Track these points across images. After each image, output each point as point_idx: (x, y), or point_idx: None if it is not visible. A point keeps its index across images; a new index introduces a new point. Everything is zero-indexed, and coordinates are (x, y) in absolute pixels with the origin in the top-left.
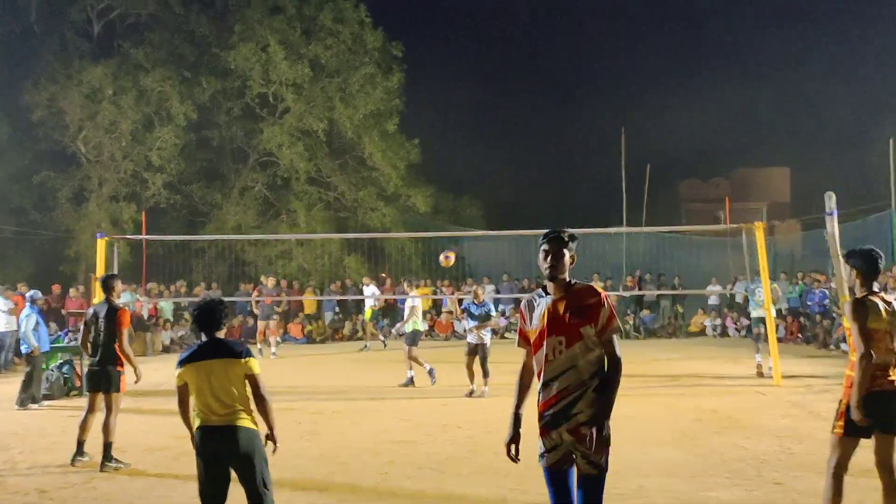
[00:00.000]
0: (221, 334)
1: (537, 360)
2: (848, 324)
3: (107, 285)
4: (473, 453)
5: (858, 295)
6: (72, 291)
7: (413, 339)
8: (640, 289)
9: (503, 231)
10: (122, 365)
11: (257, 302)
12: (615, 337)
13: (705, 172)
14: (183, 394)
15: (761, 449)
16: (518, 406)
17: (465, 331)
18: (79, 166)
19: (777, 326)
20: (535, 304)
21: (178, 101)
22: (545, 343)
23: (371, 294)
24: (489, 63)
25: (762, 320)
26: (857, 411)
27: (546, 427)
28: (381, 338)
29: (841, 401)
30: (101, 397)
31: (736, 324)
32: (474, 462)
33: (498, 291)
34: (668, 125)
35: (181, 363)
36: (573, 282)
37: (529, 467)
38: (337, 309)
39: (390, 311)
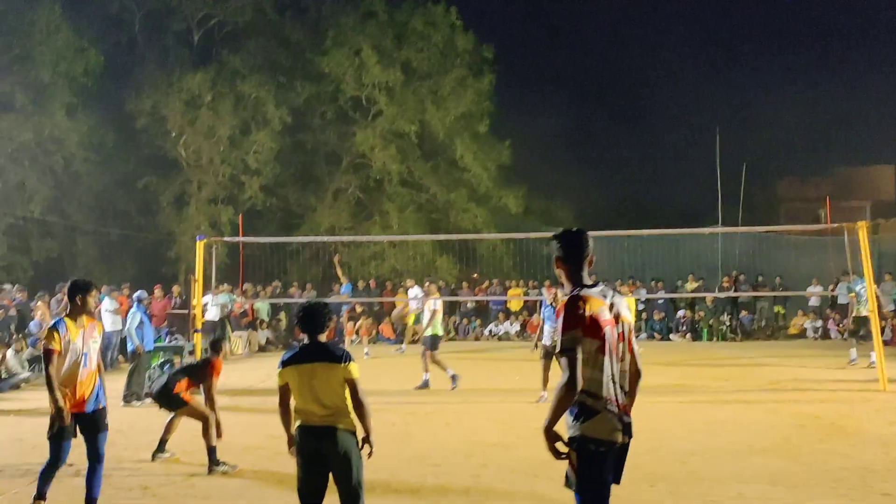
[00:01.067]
0: (324, 337)
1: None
2: None
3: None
4: None
5: None
6: (156, 291)
7: (433, 343)
8: (736, 290)
9: (596, 231)
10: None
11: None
12: (561, 358)
13: (805, 171)
14: (284, 394)
15: (867, 458)
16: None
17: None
18: (179, 171)
19: (882, 329)
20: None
21: (273, 106)
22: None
23: (415, 296)
24: (581, 64)
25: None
26: None
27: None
28: (403, 346)
29: None
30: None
31: (838, 326)
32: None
33: None
34: (765, 123)
35: (283, 364)
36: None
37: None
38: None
39: (483, 312)
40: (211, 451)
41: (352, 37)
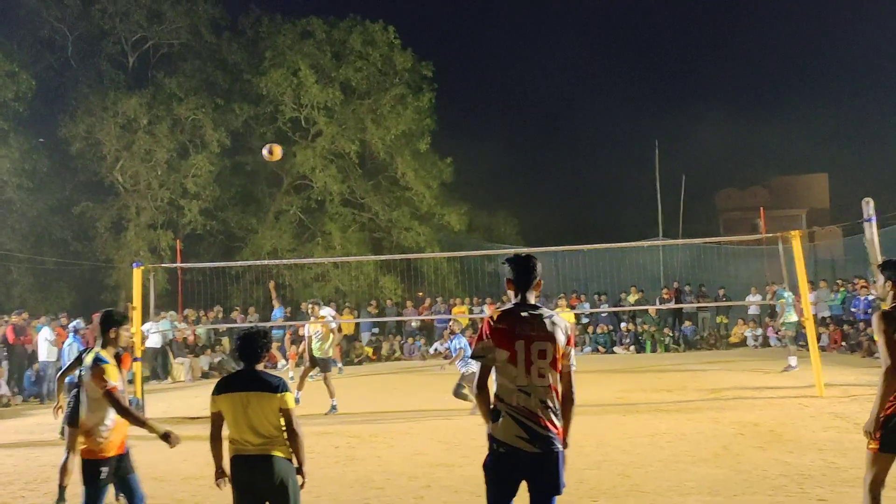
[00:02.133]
0: (260, 365)
1: None
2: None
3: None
4: None
5: (888, 306)
6: (95, 319)
7: (325, 365)
8: (678, 301)
9: (539, 248)
10: None
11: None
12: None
13: (742, 181)
14: (216, 421)
15: (804, 463)
16: None
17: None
18: (117, 196)
19: (819, 335)
20: None
21: (211, 129)
22: None
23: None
24: (521, 82)
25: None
26: (874, 426)
27: None
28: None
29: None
30: None
31: (777, 333)
32: None
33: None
34: (703, 136)
35: (218, 391)
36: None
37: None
38: (375, 329)
39: (428, 331)
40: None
41: (289, 57)
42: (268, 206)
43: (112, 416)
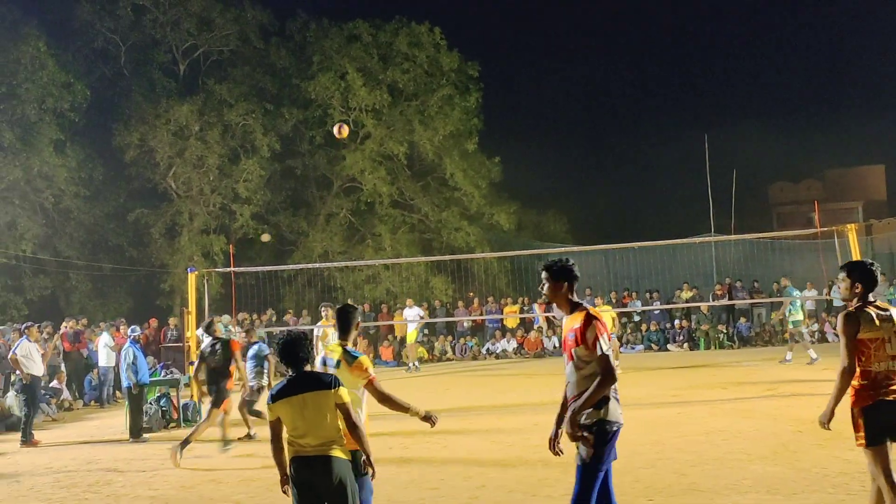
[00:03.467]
0: (308, 366)
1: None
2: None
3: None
4: (565, 474)
5: (852, 307)
6: (152, 324)
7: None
8: (730, 297)
9: (588, 246)
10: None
11: None
12: (603, 355)
13: (796, 174)
14: (276, 429)
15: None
16: (561, 408)
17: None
18: (170, 202)
19: None
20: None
21: (261, 133)
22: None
23: (414, 316)
24: (569, 77)
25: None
26: (828, 420)
27: None
28: (416, 363)
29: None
30: None
31: (834, 329)
32: (566, 484)
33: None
34: (755, 128)
35: (273, 398)
36: (580, 304)
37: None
38: (426, 331)
39: (478, 331)
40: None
41: (337, 60)
42: (318, 209)
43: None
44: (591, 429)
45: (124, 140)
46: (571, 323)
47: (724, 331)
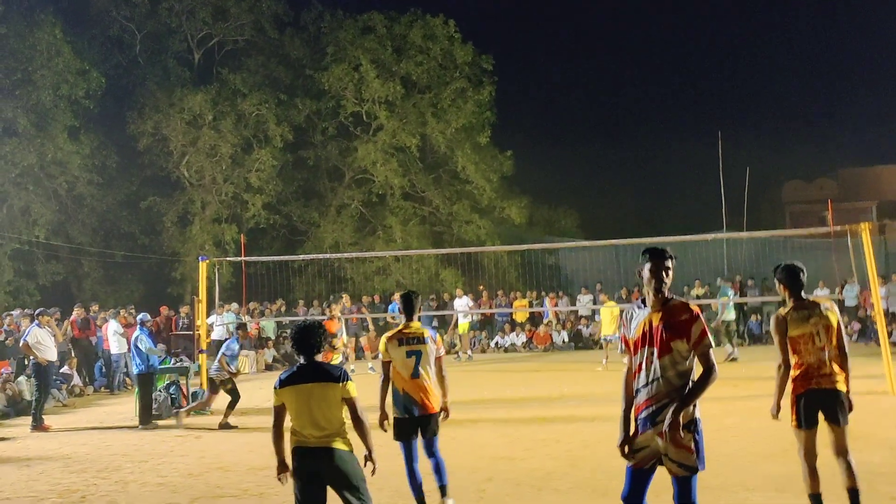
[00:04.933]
0: (320, 357)
1: (634, 367)
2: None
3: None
4: (573, 468)
5: (785, 307)
6: (163, 312)
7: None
8: (741, 294)
9: (599, 241)
10: None
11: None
12: (710, 350)
13: (810, 173)
14: (279, 414)
15: (875, 461)
16: (627, 409)
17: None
18: (183, 191)
19: (891, 331)
20: (634, 315)
21: (274, 124)
22: (641, 351)
23: (464, 306)
24: (582, 71)
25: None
26: (776, 412)
27: (639, 429)
28: (469, 352)
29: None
30: None
31: (846, 328)
32: (573, 477)
33: (595, 301)
34: (768, 126)
35: (281, 383)
36: (670, 297)
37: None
38: (435, 323)
39: (487, 324)
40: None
41: (351, 52)
42: (330, 200)
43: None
44: (690, 428)
45: (138, 128)
46: (668, 316)
47: (735, 328)
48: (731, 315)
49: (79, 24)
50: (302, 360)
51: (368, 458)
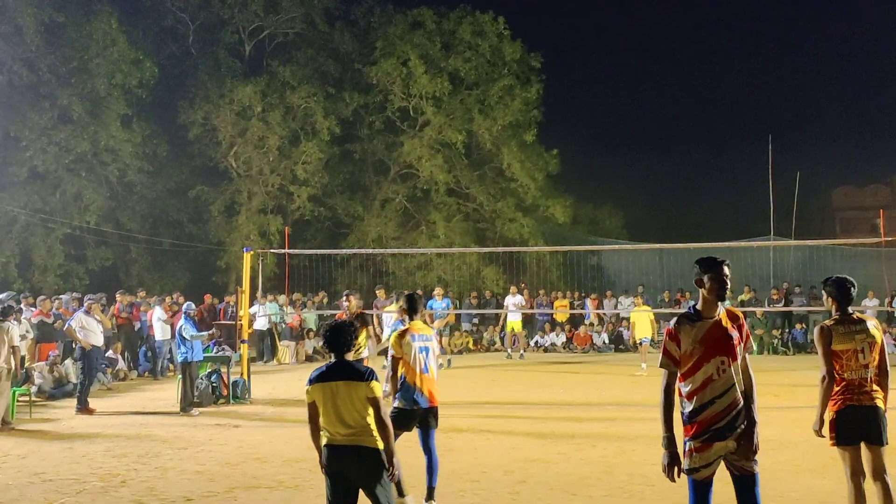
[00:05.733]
0: (350, 355)
1: (693, 381)
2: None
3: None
4: (607, 474)
5: (831, 319)
6: (207, 300)
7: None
8: (787, 302)
9: (643, 244)
10: None
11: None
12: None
13: (861, 179)
14: (313, 411)
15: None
16: (670, 428)
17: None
18: (230, 181)
19: None
20: (683, 328)
21: (322, 117)
22: (709, 363)
23: (516, 304)
24: (631, 73)
25: None
26: (819, 427)
27: (707, 442)
28: (522, 352)
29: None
30: None
31: (895, 340)
32: (607, 484)
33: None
34: (821, 131)
35: (311, 381)
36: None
37: (663, 492)
38: (475, 320)
39: (527, 323)
40: None
41: (400, 46)
42: (374, 194)
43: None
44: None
45: (188, 118)
46: (731, 322)
47: (779, 336)
48: None
49: (134, 15)
50: (333, 359)
51: (389, 461)
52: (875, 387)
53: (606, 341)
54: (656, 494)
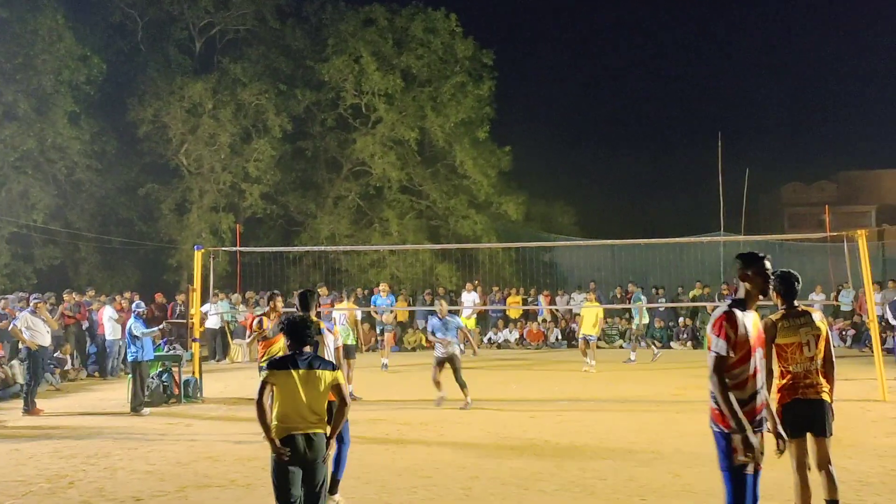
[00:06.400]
0: (309, 348)
1: (741, 371)
2: None
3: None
4: (560, 468)
5: (777, 313)
6: (157, 299)
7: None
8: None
9: (595, 241)
10: None
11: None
12: None
13: (809, 176)
14: (266, 389)
15: (863, 470)
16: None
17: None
18: (181, 178)
19: (884, 339)
20: (740, 315)
21: (274, 114)
22: (755, 354)
23: (471, 302)
24: (584, 71)
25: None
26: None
27: (757, 432)
28: (476, 350)
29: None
30: None
31: (841, 334)
32: (560, 478)
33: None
34: (768, 128)
35: (277, 366)
36: None
37: (615, 486)
38: (429, 317)
39: (480, 320)
40: None
41: (352, 43)
42: (327, 192)
43: None
44: None
45: (138, 115)
46: (757, 319)
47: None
48: (645, 319)
49: (80, 11)
50: (296, 350)
51: (330, 439)
52: (821, 379)
53: (559, 337)
54: (608, 488)
